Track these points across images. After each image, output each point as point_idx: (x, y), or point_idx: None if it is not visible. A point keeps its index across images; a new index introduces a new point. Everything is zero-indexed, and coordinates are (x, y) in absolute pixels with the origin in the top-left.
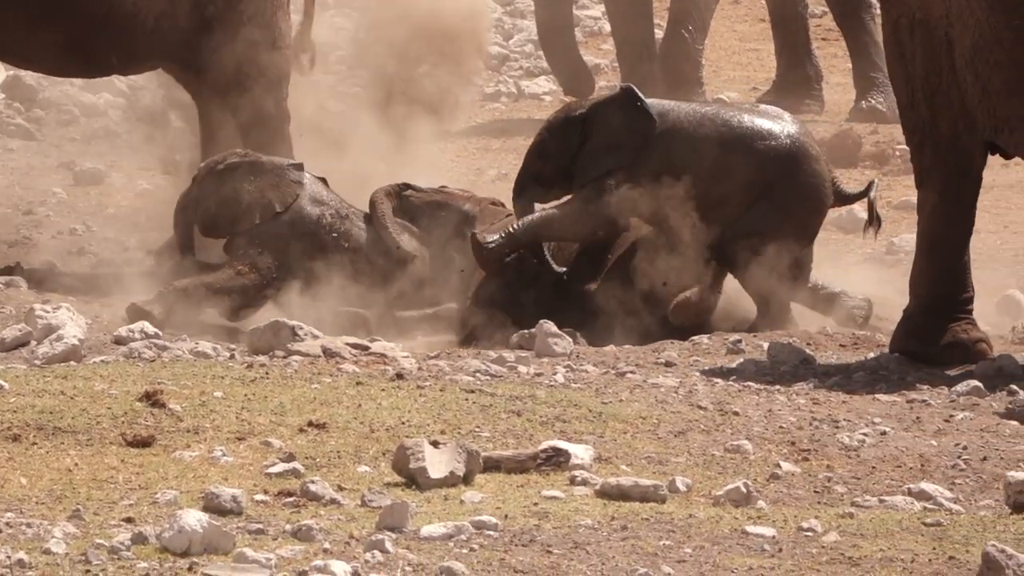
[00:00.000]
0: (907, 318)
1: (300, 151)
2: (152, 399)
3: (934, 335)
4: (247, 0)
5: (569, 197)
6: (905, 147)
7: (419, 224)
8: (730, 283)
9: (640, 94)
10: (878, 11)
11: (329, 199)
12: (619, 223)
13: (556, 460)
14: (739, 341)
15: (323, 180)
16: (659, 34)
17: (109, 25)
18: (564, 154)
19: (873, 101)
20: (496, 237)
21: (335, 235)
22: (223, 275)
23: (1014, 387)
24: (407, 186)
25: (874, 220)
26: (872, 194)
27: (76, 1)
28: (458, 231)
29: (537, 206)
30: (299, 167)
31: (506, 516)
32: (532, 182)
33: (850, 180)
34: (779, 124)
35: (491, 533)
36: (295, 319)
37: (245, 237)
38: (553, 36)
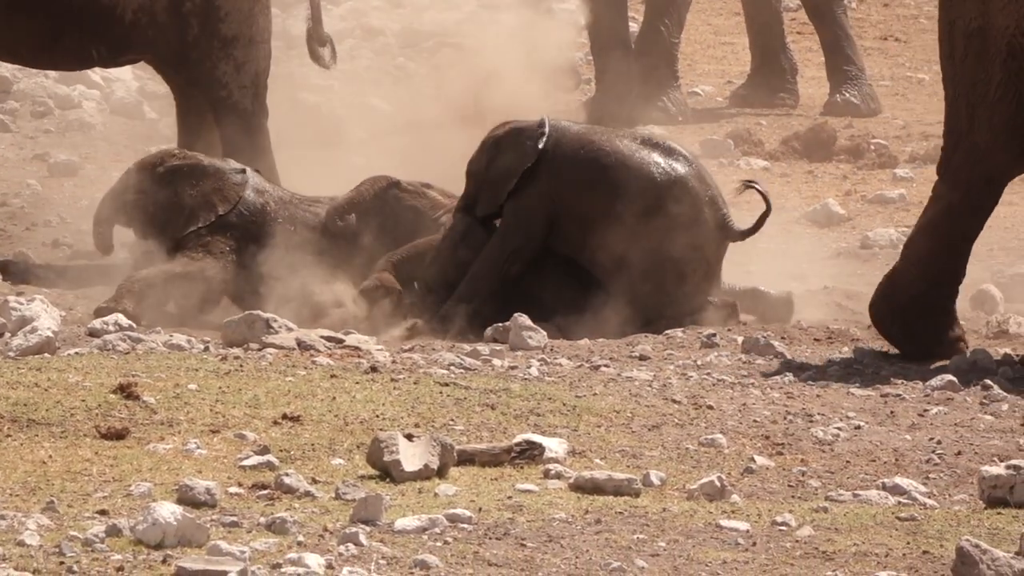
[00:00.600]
0: (893, 275)
1: (279, 144)
2: (126, 391)
3: (909, 314)
4: None
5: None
6: (879, 141)
7: (398, 224)
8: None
9: (545, 131)
10: (851, 5)
11: (270, 188)
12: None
13: (530, 453)
14: (713, 335)
15: (257, 171)
16: (634, 28)
17: (88, 18)
18: (476, 176)
19: (847, 95)
20: (457, 305)
21: (280, 221)
22: (181, 265)
23: (988, 382)
24: (395, 184)
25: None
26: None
27: None
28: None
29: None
30: (242, 170)
31: (480, 509)
32: (469, 199)
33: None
34: (665, 161)
35: (465, 526)
36: (252, 307)
37: (193, 238)
38: None
